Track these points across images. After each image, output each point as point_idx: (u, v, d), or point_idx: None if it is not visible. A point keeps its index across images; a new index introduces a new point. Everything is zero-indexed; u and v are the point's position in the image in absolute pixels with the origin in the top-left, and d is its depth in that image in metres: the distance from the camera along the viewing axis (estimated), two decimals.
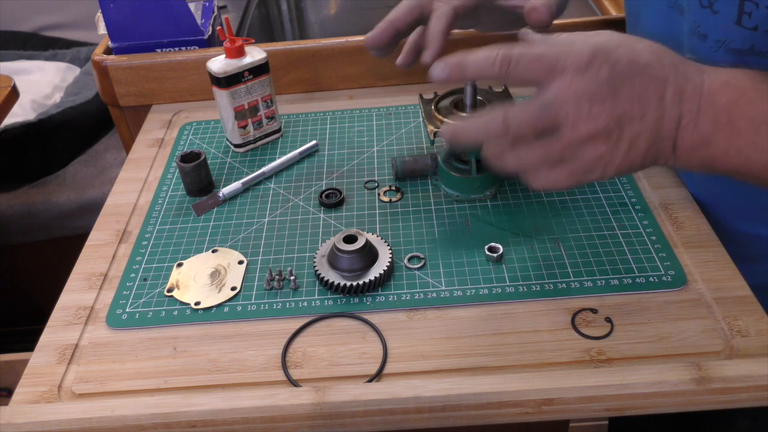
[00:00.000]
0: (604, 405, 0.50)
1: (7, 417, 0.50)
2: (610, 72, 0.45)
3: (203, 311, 0.58)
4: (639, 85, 0.45)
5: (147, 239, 0.66)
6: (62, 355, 0.55)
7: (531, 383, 0.49)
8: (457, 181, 0.67)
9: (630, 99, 0.45)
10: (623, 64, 0.45)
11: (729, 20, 0.52)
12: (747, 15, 0.48)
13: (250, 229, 0.67)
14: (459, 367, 0.52)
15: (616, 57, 0.45)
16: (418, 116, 0.82)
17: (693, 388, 0.49)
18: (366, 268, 0.59)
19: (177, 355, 0.55)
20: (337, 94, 0.89)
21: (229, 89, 0.73)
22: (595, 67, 0.44)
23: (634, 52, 0.46)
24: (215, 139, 0.81)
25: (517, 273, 0.59)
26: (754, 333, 0.53)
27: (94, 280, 0.62)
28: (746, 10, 0.48)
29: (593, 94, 0.45)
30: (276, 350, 0.55)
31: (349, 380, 0.52)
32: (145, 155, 0.79)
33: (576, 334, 0.54)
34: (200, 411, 0.49)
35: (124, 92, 0.87)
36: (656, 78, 0.46)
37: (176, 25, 0.86)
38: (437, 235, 0.64)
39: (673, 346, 0.52)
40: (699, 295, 0.56)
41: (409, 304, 0.57)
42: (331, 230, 0.66)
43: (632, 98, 0.45)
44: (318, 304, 0.58)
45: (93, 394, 0.52)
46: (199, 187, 0.71)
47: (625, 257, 0.60)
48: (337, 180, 0.73)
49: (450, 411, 0.50)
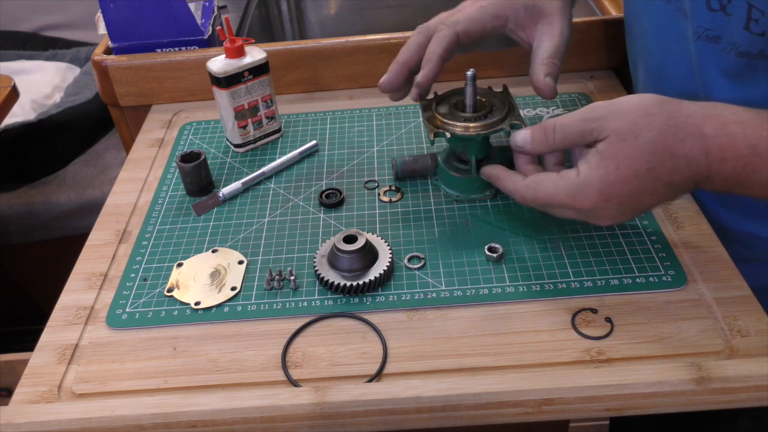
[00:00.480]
0: (604, 405, 0.50)
1: (7, 417, 0.50)
2: (617, 204, 0.52)
3: (203, 311, 0.58)
4: (647, 189, 0.51)
5: (147, 239, 0.66)
6: (62, 355, 0.55)
7: (531, 383, 0.49)
8: (457, 181, 0.67)
9: (640, 205, 0.52)
10: (626, 196, 0.51)
11: (739, 25, 0.53)
12: (754, 21, 0.49)
13: (250, 229, 0.67)
14: (459, 367, 0.52)
15: (618, 191, 0.51)
16: (418, 116, 0.82)
17: (693, 388, 0.49)
18: (366, 268, 0.59)
19: (177, 355, 0.55)
20: (337, 94, 0.89)
21: (229, 89, 0.73)
22: (602, 206, 0.52)
23: (635, 165, 0.50)
24: (215, 139, 0.81)
25: (517, 273, 0.59)
26: (754, 333, 0.53)
27: (94, 280, 0.62)
28: (753, 17, 0.49)
29: (608, 213, 0.53)
30: (276, 350, 0.55)
31: (349, 380, 0.52)
32: (145, 155, 0.79)
33: (576, 334, 0.54)
34: (200, 411, 0.49)
35: (124, 92, 0.87)
36: (662, 181, 0.51)
37: (176, 25, 0.86)
38: (437, 235, 0.64)
39: (673, 346, 0.52)
40: (699, 295, 0.56)
41: (409, 304, 0.57)
42: (331, 230, 0.66)
43: (642, 204, 0.52)
44: (318, 304, 0.58)
45: (93, 394, 0.52)
46: (199, 187, 0.71)
47: (625, 257, 0.60)
48: (337, 180, 0.73)
49: (450, 411, 0.50)
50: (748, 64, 0.55)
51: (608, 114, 0.52)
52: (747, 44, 0.54)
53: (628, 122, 0.51)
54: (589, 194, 0.52)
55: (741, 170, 0.49)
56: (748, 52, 0.54)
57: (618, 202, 0.52)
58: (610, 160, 0.51)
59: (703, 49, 0.58)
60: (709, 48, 0.58)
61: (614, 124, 0.51)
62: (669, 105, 0.51)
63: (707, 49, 0.58)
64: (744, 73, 0.56)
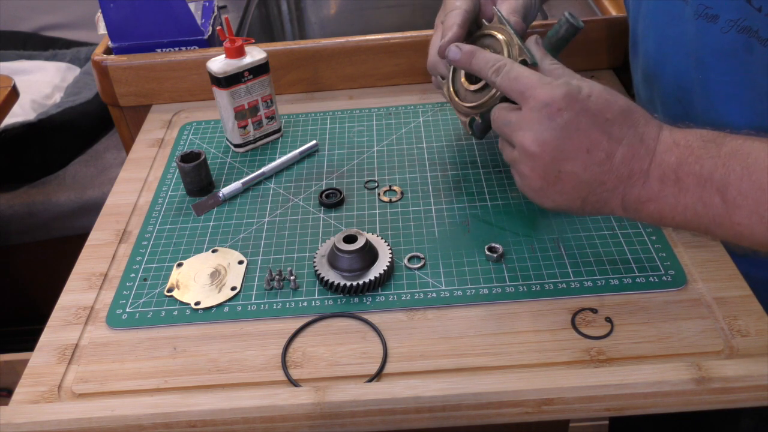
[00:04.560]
0: (604, 405, 0.50)
1: (7, 417, 0.50)
2: (569, 119, 0.49)
3: (203, 311, 0.58)
4: (592, 138, 0.49)
5: (147, 239, 0.66)
6: (62, 355, 0.55)
7: (531, 383, 0.49)
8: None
9: (577, 149, 0.50)
10: (585, 115, 0.49)
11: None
12: None
13: (250, 229, 0.67)
14: (459, 367, 0.52)
15: (581, 107, 0.49)
16: (418, 116, 0.82)
17: (693, 388, 0.49)
18: (366, 268, 0.59)
19: (177, 355, 0.55)
20: (337, 94, 0.89)
21: (229, 89, 0.73)
22: (554, 108, 0.50)
23: (602, 107, 0.50)
24: (215, 139, 0.81)
25: (517, 273, 0.59)
26: (754, 333, 0.53)
27: (94, 280, 0.62)
28: None
29: (542, 133, 0.50)
30: (276, 350, 0.55)
31: (349, 380, 0.52)
32: (145, 155, 0.79)
33: (576, 334, 0.54)
34: (200, 411, 0.49)
35: (124, 92, 0.87)
36: (612, 136, 0.49)
37: (176, 25, 0.86)
38: (437, 235, 0.64)
39: (673, 346, 0.52)
40: (699, 295, 0.56)
41: (409, 304, 0.57)
42: (331, 230, 0.66)
43: (579, 149, 0.50)
44: (318, 304, 0.58)
45: (93, 394, 0.52)
46: (199, 187, 0.71)
47: (625, 257, 0.60)
48: (337, 180, 0.73)
49: (450, 411, 0.50)
50: (746, 43, 0.55)
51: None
52: (749, 18, 0.54)
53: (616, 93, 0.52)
54: (549, 89, 0.50)
55: (684, 159, 0.48)
56: (749, 27, 0.54)
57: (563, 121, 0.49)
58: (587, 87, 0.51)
59: (702, 28, 0.59)
60: (708, 27, 0.58)
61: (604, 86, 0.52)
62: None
63: (706, 28, 0.58)
64: (740, 54, 0.57)
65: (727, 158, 0.46)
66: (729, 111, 0.61)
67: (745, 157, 0.46)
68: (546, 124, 0.50)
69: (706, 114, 0.63)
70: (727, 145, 0.47)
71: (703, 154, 0.47)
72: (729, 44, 0.57)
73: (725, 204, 0.46)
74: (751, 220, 0.46)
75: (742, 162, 0.46)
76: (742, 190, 0.46)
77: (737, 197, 0.46)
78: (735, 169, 0.46)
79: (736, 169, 0.46)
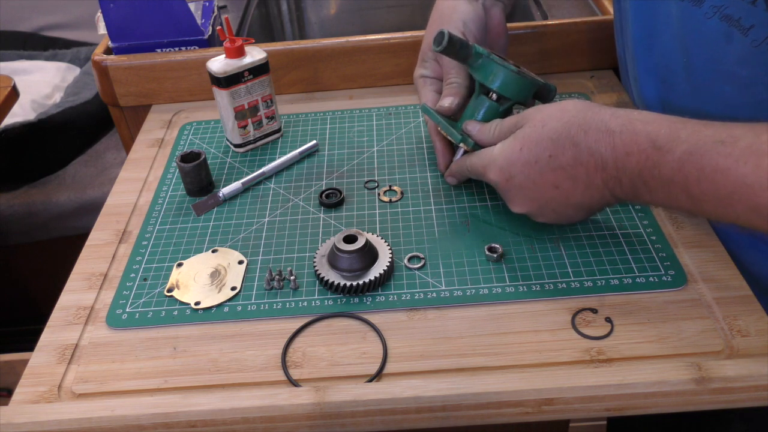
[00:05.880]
0: (604, 405, 0.50)
1: (7, 417, 0.50)
2: (521, 180, 0.57)
3: (203, 311, 0.58)
4: (550, 178, 0.55)
5: (147, 239, 0.66)
6: (62, 355, 0.55)
7: (531, 383, 0.49)
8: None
9: (548, 191, 0.56)
10: (529, 167, 0.56)
11: None
12: None
13: (250, 229, 0.67)
14: (459, 367, 0.52)
15: (522, 164, 0.56)
16: (418, 116, 0.82)
17: (693, 388, 0.49)
18: (366, 268, 0.59)
19: (177, 355, 0.55)
20: (337, 94, 0.89)
21: (229, 89, 0.73)
22: (504, 180, 0.58)
23: (537, 151, 0.55)
24: (215, 139, 0.81)
25: (517, 273, 0.59)
26: (754, 333, 0.53)
27: (94, 280, 0.62)
28: None
29: (515, 199, 0.59)
30: (276, 350, 0.55)
31: (349, 380, 0.52)
32: (145, 155, 0.79)
33: (576, 334, 0.54)
34: (200, 411, 0.49)
35: (124, 92, 0.87)
36: (563, 165, 0.54)
37: (176, 25, 0.86)
38: (437, 235, 0.64)
39: (673, 346, 0.52)
40: (699, 295, 0.56)
41: (409, 304, 0.57)
42: (331, 230, 0.66)
43: (549, 190, 0.56)
44: (318, 304, 0.58)
45: (93, 394, 0.52)
46: (199, 187, 0.71)
47: (625, 257, 0.60)
48: (337, 180, 0.73)
49: (450, 411, 0.50)
50: (727, 33, 0.55)
51: (534, 109, 0.58)
52: (731, 6, 0.54)
53: (543, 114, 0.56)
54: (494, 168, 0.58)
55: (644, 165, 0.51)
56: (730, 15, 0.54)
57: (519, 185, 0.57)
58: (517, 142, 0.57)
59: (686, 11, 0.58)
60: (692, 12, 0.57)
61: (533, 114, 0.57)
62: (584, 105, 0.55)
63: (690, 12, 0.58)
64: (720, 43, 0.56)
65: (681, 164, 0.49)
66: (710, 100, 0.61)
67: (698, 159, 0.48)
68: (513, 194, 0.59)
69: (688, 99, 0.63)
70: (678, 149, 0.49)
71: (659, 161, 0.50)
72: (711, 32, 0.56)
73: (692, 200, 0.50)
74: (719, 212, 0.49)
75: (696, 165, 0.48)
76: (702, 189, 0.48)
77: (700, 195, 0.49)
78: (691, 173, 0.48)
79: (692, 173, 0.48)
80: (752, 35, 0.53)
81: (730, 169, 0.46)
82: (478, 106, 0.65)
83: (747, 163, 0.46)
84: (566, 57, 0.87)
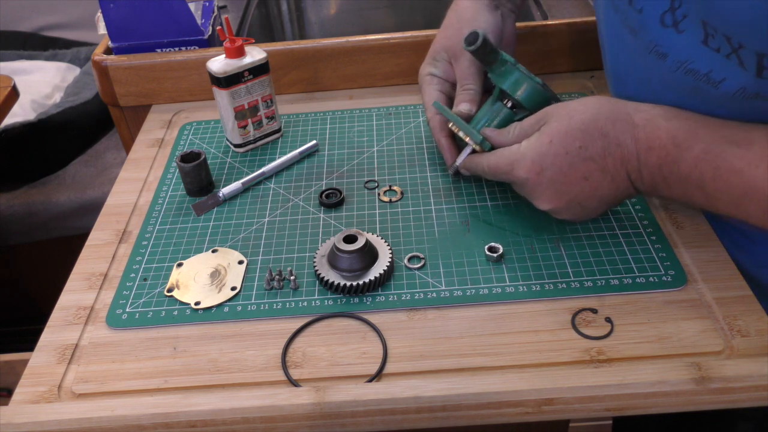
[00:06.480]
0: (604, 405, 0.50)
1: (7, 417, 0.50)
2: (552, 174, 0.56)
3: (203, 311, 0.58)
4: (581, 169, 0.55)
5: (147, 239, 0.66)
6: (62, 355, 0.55)
7: (531, 383, 0.49)
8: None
9: (577, 185, 0.56)
10: (560, 159, 0.55)
11: (696, 39, 0.51)
12: (711, 37, 0.49)
13: (250, 229, 0.67)
14: (459, 367, 0.52)
15: (553, 156, 0.56)
16: (418, 116, 0.82)
17: (693, 388, 0.49)
18: (366, 268, 0.59)
19: (177, 355, 0.55)
20: (337, 94, 0.89)
21: (229, 89, 0.73)
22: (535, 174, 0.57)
23: (567, 142, 0.55)
24: (215, 139, 0.81)
25: (517, 273, 0.59)
26: (754, 333, 0.53)
27: (94, 280, 0.62)
28: (710, 33, 0.49)
29: (544, 194, 0.58)
30: (276, 350, 0.55)
31: (349, 380, 0.52)
32: (145, 155, 0.79)
33: (576, 334, 0.54)
34: (200, 411, 0.49)
35: (124, 92, 0.87)
36: (593, 156, 0.55)
37: (176, 25, 0.86)
38: (437, 235, 0.64)
39: (673, 346, 0.52)
40: (699, 295, 0.56)
41: (409, 304, 0.57)
42: (331, 230, 0.66)
43: (578, 183, 0.56)
44: (318, 304, 0.58)
45: (93, 394, 0.52)
46: (199, 187, 0.71)
47: (625, 257, 0.60)
48: (337, 180, 0.73)
49: (450, 411, 0.50)
50: (694, 87, 0.53)
51: (555, 106, 0.59)
52: (699, 62, 0.51)
53: (568, 108, 0.57)
54: (524, 163, 0.57)
55: (664, 161, 0.52)
56: (697, 70, 0.52)
57: (550, 178, 0.56)
58: (546, 135, 0.56)
59: (652, 63, 0.56)
60: (658, 64, 0.55)
61: (556, 110, 0.58)
62: (606, 99, 0.57)
63: (656, 64, 0.56)
64: (689, 92, 0.54)
65: (697, 161, 0.51)
66: None
67: (714, 159, 0.50)
68: (543, 188, 0.57)
69: None
70: (696, 147, 0.51)
71: (678, 157, 0.52)
72: (678, 82, 0.54)
73: (707, 197, 0.52)
74: (731, 210, 0.51)
75: (712, 164, 0.50)
76: (717, 187, 0.50)
77: (714, 192, 0.51)
78: (707, 172, 0.50)
79: (708, 171, 0.50)
80: (723, 88, 0.51)
81: (743, 171, 0.48)
82: (493, 112, 0.65)
83: (759, 166, 0.47)
84: (566, 57, 0.87)
